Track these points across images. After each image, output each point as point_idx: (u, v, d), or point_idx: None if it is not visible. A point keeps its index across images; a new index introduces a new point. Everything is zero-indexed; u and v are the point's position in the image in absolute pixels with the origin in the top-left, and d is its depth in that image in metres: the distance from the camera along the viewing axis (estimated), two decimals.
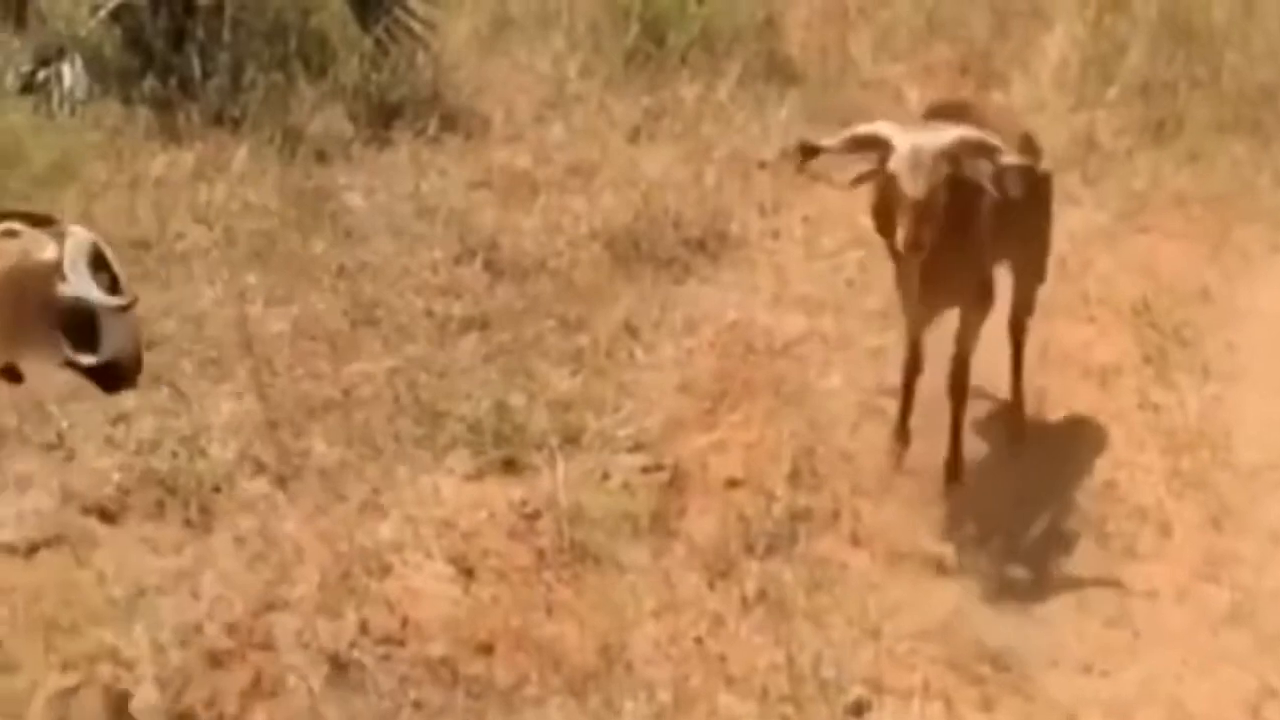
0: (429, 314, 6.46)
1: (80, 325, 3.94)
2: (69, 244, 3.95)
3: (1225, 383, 6.47)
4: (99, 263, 4.01)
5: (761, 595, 4.96)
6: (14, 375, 4.13)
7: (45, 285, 3.92)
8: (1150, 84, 9.70)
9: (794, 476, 5.38)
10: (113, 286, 4.02)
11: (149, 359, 5.76)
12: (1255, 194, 8.34)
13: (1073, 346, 6.61)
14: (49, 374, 4.19)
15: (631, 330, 6.48)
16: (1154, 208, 7.66)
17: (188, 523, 4.95)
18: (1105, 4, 11.28)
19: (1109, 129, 9.10)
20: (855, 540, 5.13)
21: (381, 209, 7.45)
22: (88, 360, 3.97)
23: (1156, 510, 5.47)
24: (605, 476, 5.39)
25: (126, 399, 5.47)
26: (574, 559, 4.97)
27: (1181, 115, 9.33)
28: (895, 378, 5.94)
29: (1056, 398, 6.22)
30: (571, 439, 5.59)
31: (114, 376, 4.15)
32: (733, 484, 5.36)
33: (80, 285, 3.91)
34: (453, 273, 6.82)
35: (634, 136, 8.45)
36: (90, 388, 4.22)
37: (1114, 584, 5.14)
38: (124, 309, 4.02)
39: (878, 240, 7.37)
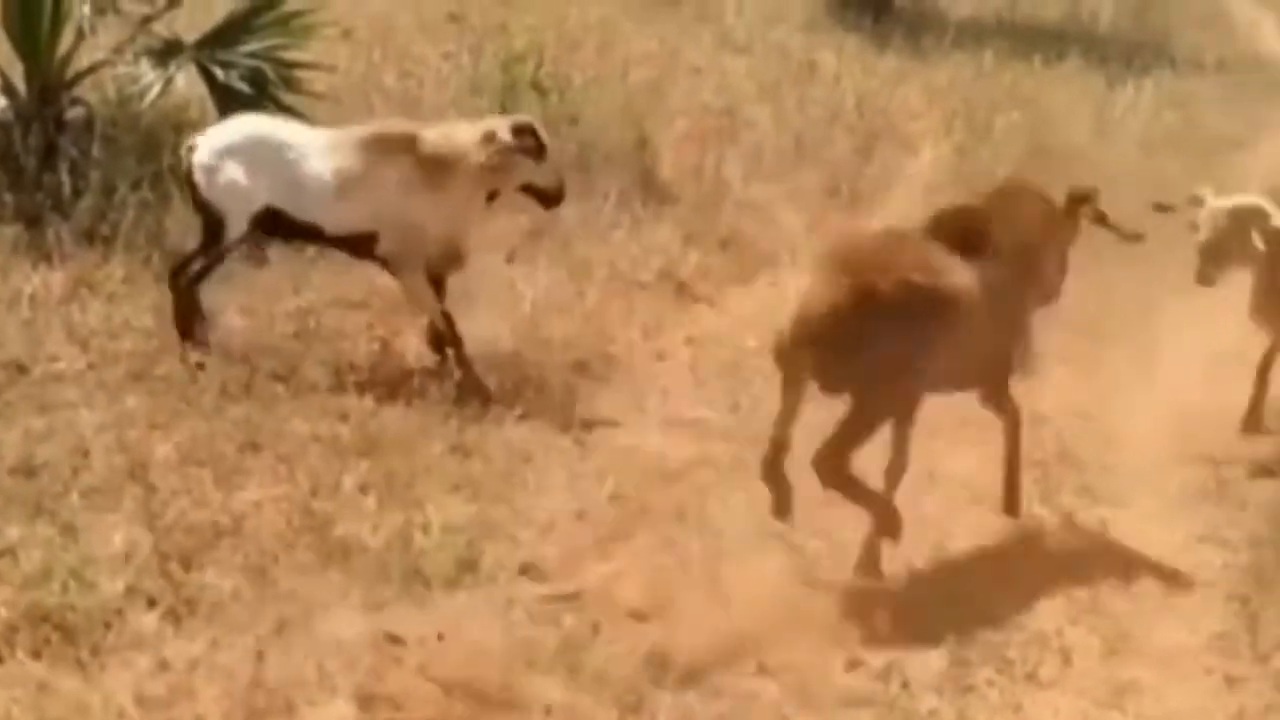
0: (316, 438, 6.33)
1: None
2: None
3: (1110, 505, 6.58)
4: None
5: None
6: None
7: None
8: None
9: (701, 606, 5.31)
10: None
11: (29, 488, 5.65)
12: (1123, 316, 8.54)
13: (958, 469, 6.65)
14: None
15: (523, 456, 6.42)
16: None
17: (78, 661, 4.75)
18: (967, 128, 11.62)
19: None
20: (764, 671, 5.07)
21: (261, 328, 7.34)
22: None
23: (1056, 637, 5.48)
24: (508, 606, 5.28)
25: (10, 529, 5.31)
26: (479, 693, 4.84)
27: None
28: None
29: (947, 522, 6.25)
30: (470, 568, 5.49)
31: None
32: (638, 613, 5.27)
33: None
34: (337, 396, 6.71)
35: (513, 257, 8.44)
36: None
37: (1018, 712, 5.13)
38: None
39: (761, 363, 7.51)
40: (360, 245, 7.12)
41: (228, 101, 8.34)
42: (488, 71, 10.92)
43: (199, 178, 7.02)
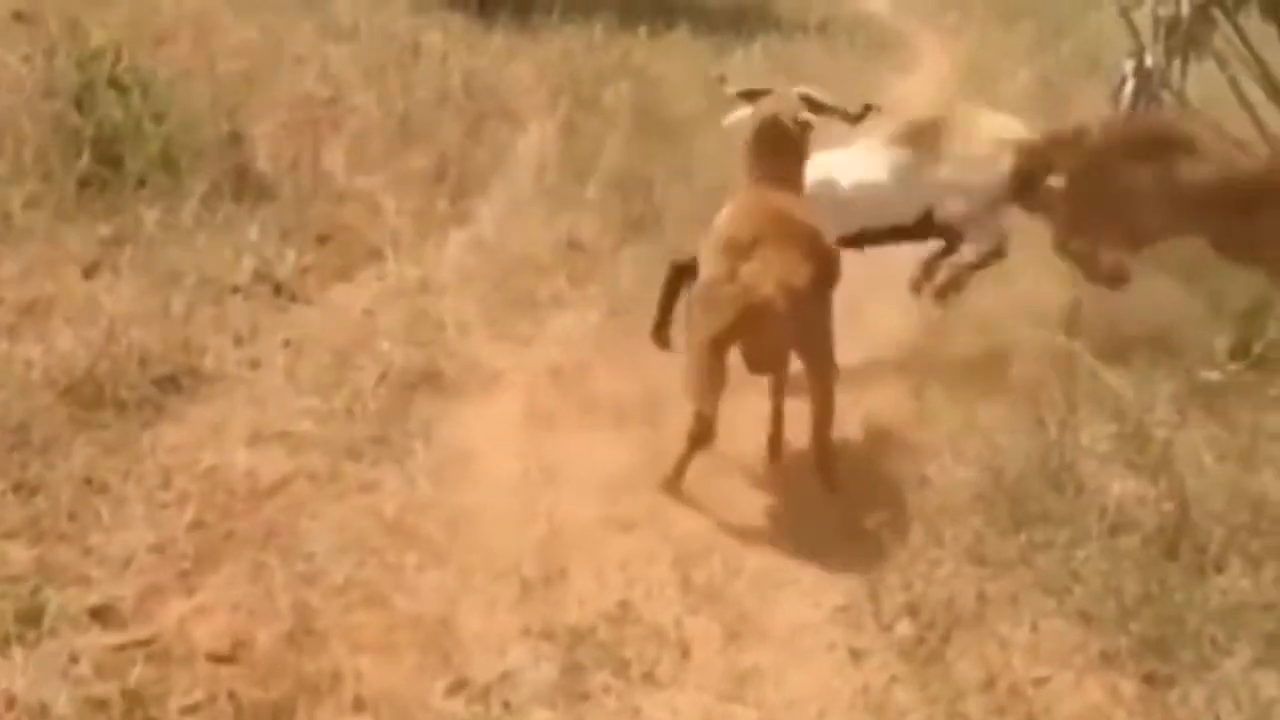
0: None
1: None
2: None
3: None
4: None
5: None
6: None
7: None
8: (626, 180, 9.70)
9: (289, 638, 4.88)
10: None
11: None
12: None
13: (580, 458, 6.37)
14: None
15: (97, 487, 5.84)
16: (643, 307, 7.51)
17: None
18: (575, 102, 11.35)
19: (591, 229, 9.02)
20: (359, 706, 4.66)
21: None
22: None
23: (674, 629, 5.22)
24: (72, 661, 4.75)
25: None
26: None
27: (660, 210, 9.36)
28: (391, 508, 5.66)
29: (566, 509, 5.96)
30: (31, 622, 4.93)
31: None
32: (217, 655, 4.80)
33: None
34: None
35: (92, 270, 7.79)
36: None
37: (636, 716, 4.84)
38: None
39: (365, 363, 7.10)
40: None
41: None
42: (64, 70, 10.17)
43: None
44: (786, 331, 5.97)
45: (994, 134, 7.59)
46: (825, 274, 6.08)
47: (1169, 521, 5.59)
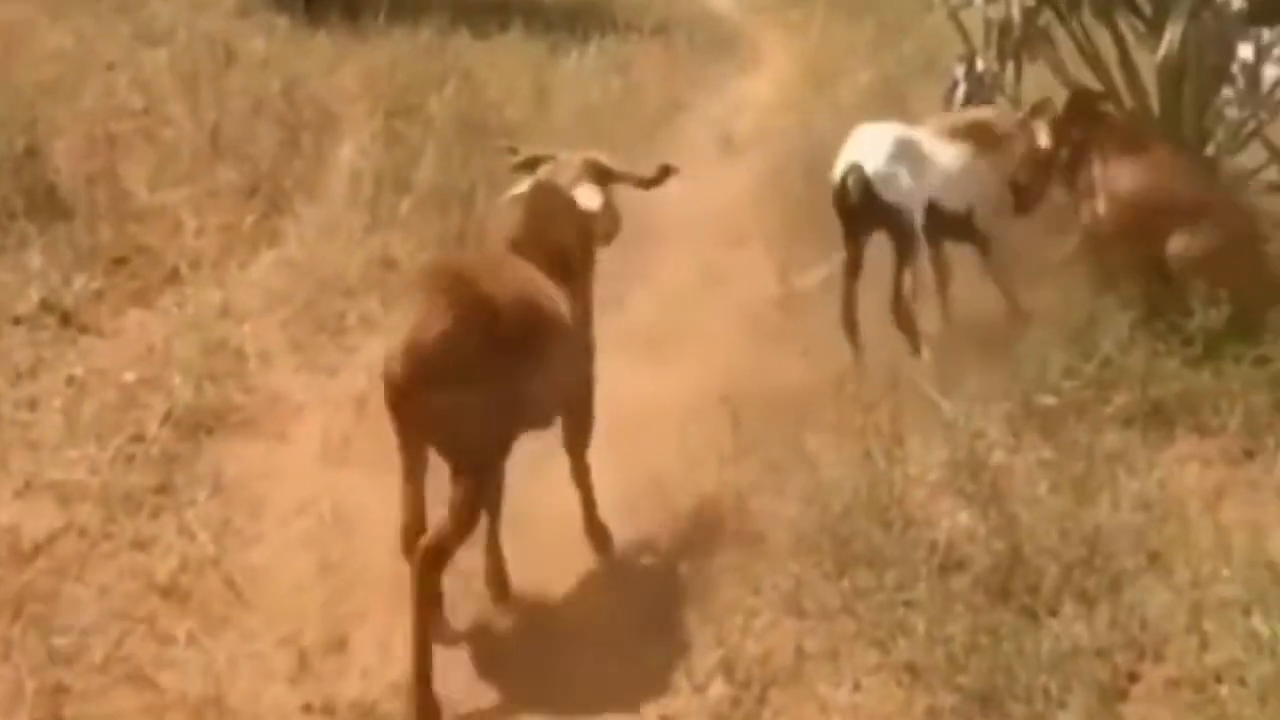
0: None
1: None
2: None
3: None
4: None
5: None
6: None
7: None
8: (446, 192, 9.24)
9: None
10: None
11: None
12: None
13: (378, 502, 5.93)
14: None
15: None
16: None
17: None
18: (394, 110, 10.86)
19: (405, 247, 8.56)
20: None
21: None
22: None
23: (465, 699, 4.81)
24: None
25: None
26: None
27: (482, 224, 8.90)
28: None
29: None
30: None
31: None
32: None
33: None
34: None
35: None
36: None
37: None
38: None
39: (153, 400, 6.61)
40: None
41: None
42: None
43: None
44: (423, 410, 4.93)
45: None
46: (509, 344, 4.95)
47: (1001, 562, 5.26)
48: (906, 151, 7.29)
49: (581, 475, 5.76)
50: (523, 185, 5.73)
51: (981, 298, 7.65)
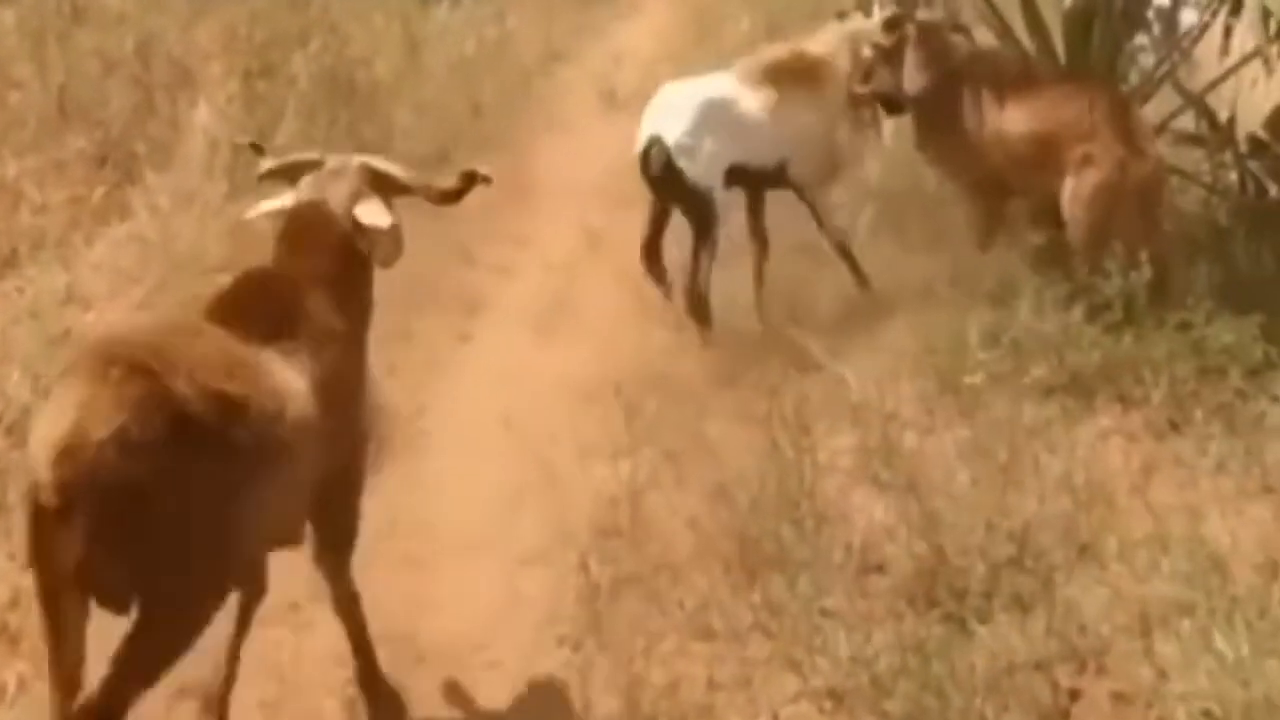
0: None
1: None
2: None
3: None
4: None
5: None
6: None
7: None
8: None
9: None
10: None
11: None
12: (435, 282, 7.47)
13: None
14: None
15: None
16: None
17: None
18: (253, 69, 10.20)
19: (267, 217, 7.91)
20: None
21: None
22: None
23: None
24: None
25: None
26: None
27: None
28: None
29: None
30: None
31: None
32: None
33: None
34: None
35: None
36: None
37: None
38: None
39: None
40: None
41: None
42: None
43: None
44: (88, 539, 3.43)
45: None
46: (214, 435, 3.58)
47: (924, 565, 4.81)
48: (710, 116, 6.85)
49: (347, 607, 4.41)
50: (278, 200, 4.52)
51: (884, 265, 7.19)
